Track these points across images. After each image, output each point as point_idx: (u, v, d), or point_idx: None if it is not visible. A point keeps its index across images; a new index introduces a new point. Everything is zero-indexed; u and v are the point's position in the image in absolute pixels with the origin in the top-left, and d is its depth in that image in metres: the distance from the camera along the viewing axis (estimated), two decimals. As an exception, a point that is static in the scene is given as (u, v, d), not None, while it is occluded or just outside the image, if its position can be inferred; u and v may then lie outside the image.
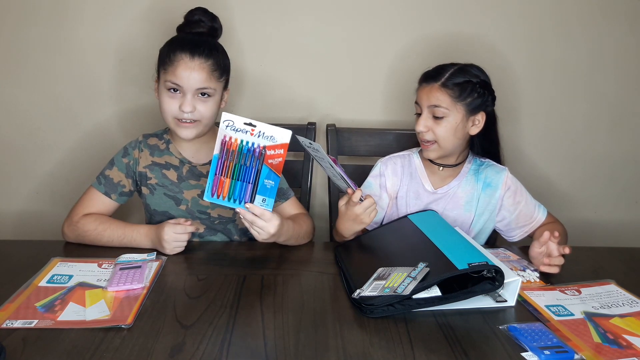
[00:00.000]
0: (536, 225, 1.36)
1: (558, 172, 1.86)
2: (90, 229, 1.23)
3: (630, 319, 0.97)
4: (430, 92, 1.26)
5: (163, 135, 1.36)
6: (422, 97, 1.28)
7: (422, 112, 1.29)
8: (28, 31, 1.67)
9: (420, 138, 1.31)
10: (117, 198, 1.31)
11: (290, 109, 1.77)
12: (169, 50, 1.22)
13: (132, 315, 0.93)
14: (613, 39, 1.75)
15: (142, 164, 1.32)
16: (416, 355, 0.85)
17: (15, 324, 0.90)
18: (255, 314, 0.96)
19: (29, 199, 1.81)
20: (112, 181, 1.30)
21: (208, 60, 1.21)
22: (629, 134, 1.86)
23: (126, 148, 1.34)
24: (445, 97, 1.25)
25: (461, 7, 1.71)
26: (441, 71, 1.27)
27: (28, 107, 1.73)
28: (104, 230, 1.23)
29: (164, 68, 1.22)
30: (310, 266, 1.19)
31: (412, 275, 0.97)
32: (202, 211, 1.32)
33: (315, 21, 1.71)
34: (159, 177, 1.32)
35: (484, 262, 0.97)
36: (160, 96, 1.25)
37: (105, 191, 1.30)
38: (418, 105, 1.31)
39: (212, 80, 1.22)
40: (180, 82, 1.20)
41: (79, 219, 1.26)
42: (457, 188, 1.35)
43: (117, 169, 1.31)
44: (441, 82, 1.26)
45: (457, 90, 1.25)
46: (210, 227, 1.34)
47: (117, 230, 1.23)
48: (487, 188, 1.35)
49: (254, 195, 1.09)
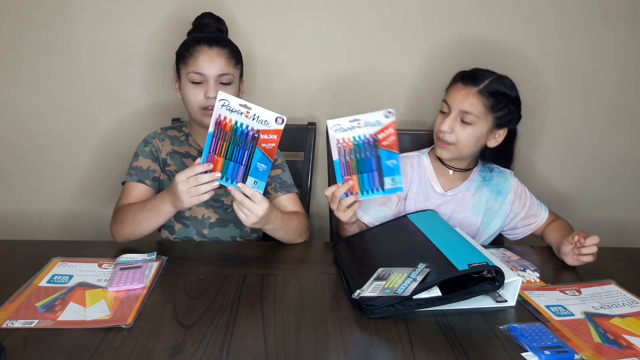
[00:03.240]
0: (540, 223, 1.37)
1: (558, 172, 1.87)
2: (123, 217, 1.22)
3: (630, 319, 0.97)
4: (466, 96, 1.23)
5: (182, 128, 1.41)
6: (455, 98, 1.24)
7: (450, 112, 1.25)
8: (27, 31, 1.67)
9: (439, 137, 1.28)
10: (151, 184, 1.32)
11: (290, 109, 1.77)
12: (186, 46, 1.28)
13: (133, 315, 0.93)
14: (613, 39, 1.76)
15: (164, 152, 1.36)
16: (416, 355, 0.85)
17: (16, 324, 0.90)
18: (255, 314, 0.96)
19: (29, 199, 1.81)
20: (142, 169, 1.32)
21: (225, 48, 1.28)
22: (629, 134, 1.86)
23: (145, 140, 1.37)
24: (480, 105, 1.22)
25: (462, 8, 1.71)
26: (480, 76, 1.24)
27: (28, 107, 1.73)
28: (132, 212, 1.21)
29: (184, 62, 1.28)
30: (310, 266, 1.19)
31: (412, 276, 0.97)
32: (216, 199, 1.34)
33: (316, 21, 1.71)
34: (178, 165, 1.35)
35: (484, 262, 0.97)
36: (184, 90, 1.29)
37: (139, 179, 1.31)
38: (446, 104, 1.27)
39: (230, 66, 1.28)
40: (202, 70, 1.25)
41: (117, 213, 1.25)
42: (465, 191, 1.35)
43: (143, 158, 1.34)
44: (479, 88, 1.22)
45: (492, 100, 1.22)
46: (222, 217, 1.35)
47: (140, 208, 1.21)
48: (498, 195, 1.36)
49: (245, 177, 1.10)
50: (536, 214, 1.38)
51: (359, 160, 1.16)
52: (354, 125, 1.14)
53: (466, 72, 1.28)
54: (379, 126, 1.14)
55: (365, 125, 1.15)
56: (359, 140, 1.15)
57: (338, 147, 1.16)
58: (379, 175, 1.16)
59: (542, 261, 1.21)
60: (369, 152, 1.15)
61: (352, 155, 1.16)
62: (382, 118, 1.14)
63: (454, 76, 1.30)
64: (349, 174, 1.16)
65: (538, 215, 1.38)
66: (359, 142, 1.15)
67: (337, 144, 1.16)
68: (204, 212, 1.34)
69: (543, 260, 1.22)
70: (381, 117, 1.14)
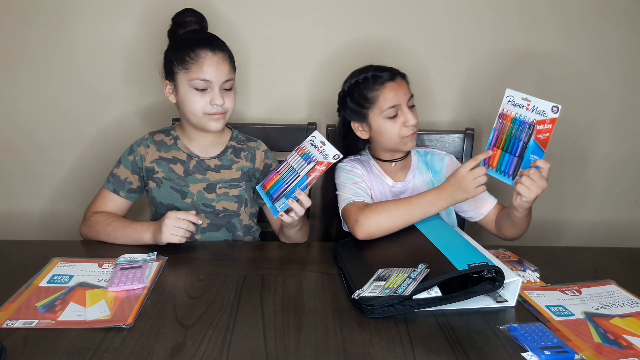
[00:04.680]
0: (490, 207, 1.33)
1: (558, 172, 1.86)
2: (100, 227, 1.26)
3: (630, 319, 0.97)
4: (403, 86, 1.30)
5: (170, 132, 1.38)
6: (398, 94, 1.28)
7: (402, 109, 1.28)
8: (28, 31, 1.67)
9: (412, 131, 1.30)
10: (125, 195, 1.34)
11: (290, 109, 1.77)
12: (186, 49, 1.24)
13: (133, 316, 0.93)
14: (614, 39, 1.76)
15: (149, 159, 1.35)
16: (416, 355, 0.85)
17: (16, 324, 0.90)
18: (255, 314, 0.96)
19: (29, 199, 1.81)
20: (119, 179, 1.33)
21: (226, 52, 1.28)
22: (630, 134, 1.86)
23: (132, 146, 1.37)
24: (408, 87, 1.32)
25: (462, 8, 1.71)
26: (392, 68, 1.32)
27: (28, 107, 1.73)
28: (112, 227, 1.25)
29: (185, 68, 1.24)
30: (310, 266, 1.19)
31: (412, 276, 0.97)
32: (207, 204, 1.34)
33: (316, 21, 1.71)
34: (165, 171, 1.34)
35: (483, 262, 0.97)
36: (185, 96, 1.26)
37: (114, 189, 1.33)
38: (393, 107, 1.28)
39: (232, 71, 1.29)
40: (209, 77, 1.24)
41: (91, 216, 1.30)
42: (414, 180, 1.37)
43: (124, 167, 1.35)
44: (402, 76, 1.32)
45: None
46: (214, 222, 1.34)
47: (122, 227, 1.25)
48: (436, 174, 1.38)
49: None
50: (482, 196, 1.32)
51: (509, 138, 1.13)
52: (524, 104, 1.11)
53: (383, 71, 1.31)
54: (542, 116, 1.08)
55: (532, 109, 1.09)
56: (519, 119, 1.11)
57: (500, 116, 1.14)
58: (517, 162, 1.12)
59: (542, 261, 1.21)
60: (521, 135, 1.11)
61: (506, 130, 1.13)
62: (549, 110, 1.07)
63: (376, 81, 1.29)
64: (497, 145, 1.14)
65: (486, 199, 1.33)
66: (517, 121, 1.12)
67: (500, 115, 1.14)
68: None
69: (543, 260, 1.22)
70: (548, 108, 1.07)
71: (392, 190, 1.36)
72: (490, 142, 1.16)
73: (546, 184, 1.08)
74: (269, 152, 1.42)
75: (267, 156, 1.41)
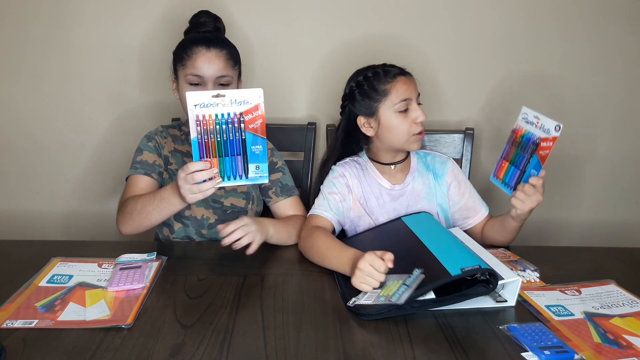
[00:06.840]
0: (479, 220, 1.34)
1: (558, 172, 1.86)
2: (131, 207, 1.20)
3: (630, 319, 0.97)
4: (412, 82, 1.29)
5: (181, 127, 1.40)
6: (409, 89, 1.27)
7: (412, 104, 1.26)
8: (28, 31, 1.67)
9: (420, 129, 1.28)
10: (157, 178, 1.31)
11: (290, 109, 1.77)
12: (184, 47, 1.28)
13: (132, 315, 0.93)
14: (614, 39, 1.76)
15: (167, 149, 1.35)
16: (416, 355, 0.85)
17: (16, 324, 0.90)
18: (255, 314, 0.96)
19: (29, 199, 1.81)
20: (148, 163, 1.31)
21: (223, 49, 1.27)
22: (629, 134, 1.86)
23: (148, 136, 1.36)
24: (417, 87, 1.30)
25: (462, 8, 1.71)
26: (398, 66, 1.31)
27: (28, 107, 1.73)
28: (140, 204, 1.19)
29: (182, 64, 1.27)
30: (310, 266, 1.19)
31: (407, 283, 0.96)
32: (215, 200, 1.34)
33: (316, 21, 1.71)
34: (179, 164, 1.34)
35: (476, 265, 0.97)
36: (182, 92, 1.27)
37: (145, 172, 1.29)
38: (404, 101, 1.26)
39: (229, 68, 1.28)
40: (201, 72, 1.24)
41: (122, 206, 1.24)
42: (414, 182, 1.35)
43: (148, 152, 1.32)
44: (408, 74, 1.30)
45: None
46: (221, 218, 1.34)
47: (149, 201, 1.18)
48: (437, 178, 1.37)
49: (246, 166, 1.07)
50: (475, 208, 1.35)
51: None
52: (534, 122, 1.07)
53: (392, 67, 1.30)
54: (547, 134, 1.06)
55: (540, 127, 1.07)
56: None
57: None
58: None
59: (542, 261, 1.21)
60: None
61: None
62: (552, 128, 1.04)
63: (388, 74, 1.28)
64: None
65: (478, 210, 1.35)
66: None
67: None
68: (204, 213, 1.34)
69: (543, 260, 1.22)
70: (552, 127, 1.03)
71: (390, 193, 1.34)
72: (502, 155, 1.20)
73: (541, 197, 1.13)
74: (275, 150, 1.43)
75: (272, 154, 1.41)
